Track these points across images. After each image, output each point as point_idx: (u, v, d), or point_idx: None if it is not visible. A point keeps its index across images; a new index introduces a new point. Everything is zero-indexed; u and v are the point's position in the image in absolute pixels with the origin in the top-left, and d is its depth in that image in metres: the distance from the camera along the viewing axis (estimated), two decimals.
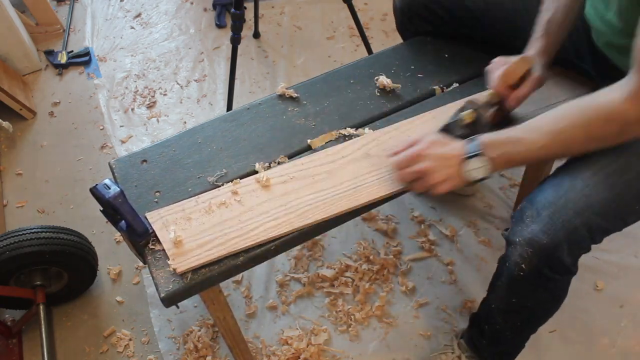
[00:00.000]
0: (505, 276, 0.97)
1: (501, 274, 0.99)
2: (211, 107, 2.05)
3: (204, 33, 2.38)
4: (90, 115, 2.08)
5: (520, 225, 0.90)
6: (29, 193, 1.83)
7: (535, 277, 0.91)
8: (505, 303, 1.02)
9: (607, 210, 0.88)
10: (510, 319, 1.05)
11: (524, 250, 0.89)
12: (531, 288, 0.95)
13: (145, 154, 1.09)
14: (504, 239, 0.96)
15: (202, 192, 1.00)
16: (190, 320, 1.45)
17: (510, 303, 1.01)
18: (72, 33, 2.46)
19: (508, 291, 0.99)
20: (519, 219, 0.92)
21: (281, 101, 1.18)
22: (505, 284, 0.98)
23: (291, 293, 1.48)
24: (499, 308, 1.04)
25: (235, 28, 1.67)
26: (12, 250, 1.29)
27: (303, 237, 0.95)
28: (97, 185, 0.90)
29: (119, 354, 1.41)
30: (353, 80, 1.20)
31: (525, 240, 0.88)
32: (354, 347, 1.37)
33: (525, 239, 0.88)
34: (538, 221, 0.88)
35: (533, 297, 0.98)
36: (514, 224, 0.93)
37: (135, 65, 2.26)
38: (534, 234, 0.87)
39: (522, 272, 0.91)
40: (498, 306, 1.04)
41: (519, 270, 0.91)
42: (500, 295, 1.02)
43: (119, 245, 1.64)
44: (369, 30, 2.27)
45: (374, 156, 1.03)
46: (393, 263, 1.50)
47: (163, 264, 0.90)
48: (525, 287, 0.95)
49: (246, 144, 1.09)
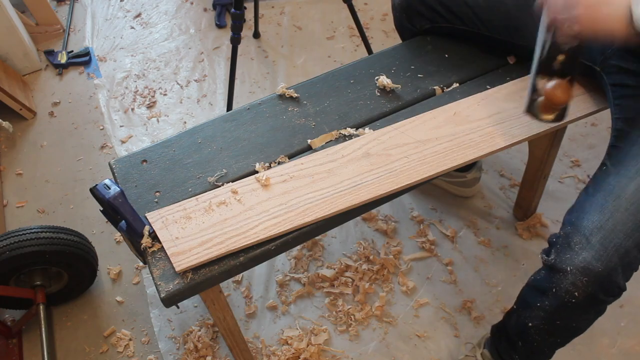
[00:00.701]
0: (551, 301, 0.93)
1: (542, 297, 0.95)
2: (211, 107, 2.05)
3: (204, 33, 2.38)
4: (90, 115, 2.08)
5: (569, 253, 0.87)
6: (29, 193, 1.83)
7: (588, 302, 0.89)
8: (548, 324, 0.98)
9: None
10: (549, 337, 1.02)
11: (578, 279, 0.86)
12: (581, 311, 0.93)
13: (145, 154, 1.09)
14: (546, 264, 0.93)
15: (202, 192, 1.00)
16: (190, 320, 1.45)
17: (554, 324, 0.98)
18: (72, 33, 2.46)
19: (554, 315, 0.96)
20: (566, 246, 0.88)
21: (281, 101, 1.18)
22: (552, 309, 0.95)
23: (291, 293, 1.48)
24: (539, 327, 1.00)
25: (235, 28, 1.67)
26: (12, 250, 1.29)
27: (303, 236, 0.95)
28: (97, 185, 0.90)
29: (119, 354, 1.41)
30: (353, 80, 1.21)
31: (579, 269, 0.85)
32: (354, 347, 1.37)
33: (579, 268, 0.85)
34: (589, 248, 0.85)
35: (580, 318, 0.96)
36: (561, 250, 0.89)
37: (135, 65, 2.26)
38: (587, 262, 0.84)
39: (574, 299, 0.88)
40: (537, 326, 1.00)
41: (571, 297, 0.88)
42: (542, 316, 0.98)
43: (119, 245, 1.64)
44: (369, 30, 2.27)
45: (374, 156, 1.03)
46: (393, 263, 1.50)
47: (163, 264, 0.90)
48: (576, 311, 0.92)
49: (246, 144, 1.09)
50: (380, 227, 1.59)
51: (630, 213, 0.85)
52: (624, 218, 0.85)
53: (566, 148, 1.74)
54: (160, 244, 0.92)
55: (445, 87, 1.18)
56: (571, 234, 0.88)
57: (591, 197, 0.91)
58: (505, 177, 1.69)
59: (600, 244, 0.85)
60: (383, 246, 1.55)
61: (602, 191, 0.90)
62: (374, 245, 1.56)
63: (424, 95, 1.17)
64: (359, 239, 1.58)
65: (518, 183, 1.62)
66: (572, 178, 1.66)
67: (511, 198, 1.62)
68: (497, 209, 1.61)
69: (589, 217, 0.88)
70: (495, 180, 1.68)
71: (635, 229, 0.85)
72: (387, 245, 1.55)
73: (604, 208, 0.87)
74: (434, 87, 1.18)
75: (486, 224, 1.58)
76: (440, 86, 1.18)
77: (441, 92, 1.17)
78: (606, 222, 0.86)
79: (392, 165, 1.01)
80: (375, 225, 1.60)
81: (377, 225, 1.60)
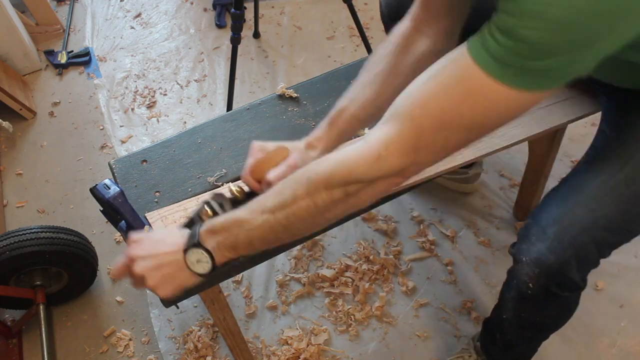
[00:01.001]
0: (514, 292, 0.95)
1: (509, 288, 0.98)
2: (211, 107, 2.05)
3: (204, 33, 2.38)
4: (90, 115, 2.08)
5: (526, 244, 0.88)
6: (29, 193, 1.83)
7: (543, 295, 0.89)
8: (515, 317, 1.00)
9: (614, 224, 0.85)
10: (520, 331, 1.04)
11: (531, 270, 0.86)
12: (539, 305, 0.94)
13: (145, 154, 1.09)
14: (511, 256, 0.94)
15: (202, 192, 1.00)
16: (190, 320, 1.45)
17: (520, 317, 1.00)
18: (72, 33, 2.46)
19: (517, 306, 0.98)
20: (525, 237, 0.89)
21: (281, 101, 1.18)
22: (514, 299, 0.97)
23: (291, 293, 1.48)
24: (510, 320, 1.02)
25: (235, 28, 1.67)
26: (12, 250, 1.29)
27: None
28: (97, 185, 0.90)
29: (119, 354, 1.41)
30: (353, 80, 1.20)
31: (532, 260, 0.86)
32: (354, 347, 1.37)
33: (532, 259, 0.86)
34: (544, 239, 0.85)
35: (541, 314, 0.97)
36: (520, 241, 0.90)
37: (135, 65, 2.26)
38: (540, 254, 0.85)
39: (529, 290, 0.89)
40: (509, 318, 1.02)
41: (527, 288, 0.89)
42: (510, 307, 1.00)
43: (119, 245, 1.64)
44: (369, 30, 2.27)
45: None
46: (393, 263, 1.50)
47: None
48: (533, 304, 0.94)
49: (246, 144, 1.09)
50: (380, 227, 1.59)
51: (589, 209, 0.84)
52: (582, 213, 0.84)
53: (566, 148, 1.74)
54: None
55: None
56: (530, 226, 0.89)
57: (555, 192, 0.92)
58: (505, 177, 1.69)
59: (555, 236, 0.84)
60: (383, 246, 1.55)
61: (566, 186, 0.91)
62: (374, 245, 1.56)
63: None
64: (359, 239, 1.58)
65: (518, 183, 1.62)
66: None
67: (511, 198, 1.62)
68: (497, 209, 1.61)
69: (548, 209, 0.88)
70: (495, 180, 1.68)
71: (593, 225, 0.84)
72: (387, 245, 1.55)
73: (564, 202, 0.87)
74: None
75: (486, 224, 1.58)
76: None
77: None
78: (563, 215, 0.85)
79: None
80: (375, 225, 1.60)
81: (377, 225, 1.60)
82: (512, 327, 1.04)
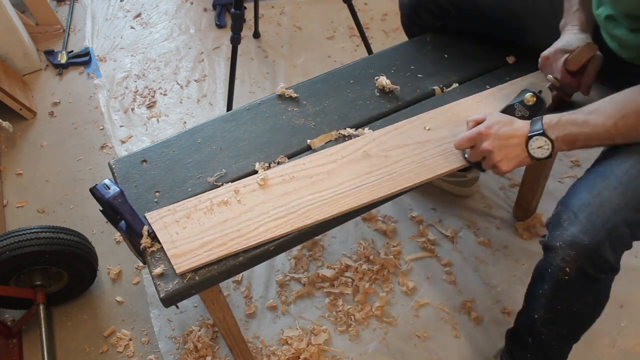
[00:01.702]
0: (548, 283, 0.95)
1: (542, 282, 0.97)
2: (211, 107, 2.05)
3: (204, 33, 2.38)
4: (90, 115, 2.08)
5: (558, 230, 0.90)
6: (29, 193, 1.83)
7: (580, 278, 0.90)
8: (551, 311, 1.00)
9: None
10: (555, 327, 1.03)
11: (567, 254, 0.88)
12: (577, 291, 0.94)
13: (145, 154, 1.09)
14: (542, 246, 0.95)
15: (202, 192, 1.00)
16: (190, 320, 1.45)
17: (555, 310, 0.99)
18: (72, 33, 2.46)
19: (553, 298, 0.97)
20: (556, 224, 0.91)
21: (281, 101, 1.18)
22: (550, 291, 0.96)
23: (291, 293, 1.48)
24: (544, 317, 1.02)
25: (235, 28, 1.67)
26: (12, 250, 1.29)
27: (303, 237, 0.95)
28: (97, 185, 0.90)
29: (119, 354, 1.41)
30: (353, 80, 1.21)
31: (567, 243, 0.87)
32: (354, 347, 1.37)
33: (567, 242, 0.87)
34: (576, 223, 0.87)
35: (578, 301, 0.96)
36: (552, 229, 0.92)
37: (135, 65, 2.26)
38: (574, 236, 0.87)
39: (566, 275, 0.89)
40: (542, 315, 1.02)
41: (563, 274, 0.90)
42: (544, 303, 0.99)
43: (119, 245, 1.64)
44: (369, 30, 2.27)
45: (373, 156, 1.03)
46: (393, 263, 1.50)
47: (162, 264, 0.90)
48: (571, 290, 0.94)
49: (246, 144, 1.09)
50: (380, 228, 1.59)
51: (618, 192, 0.87)
52: (611, 195, 0.87)
53: None
54: (160, 244, 0.92)
55: (444, 87, 1.18)
56: (561, 212, 0.91)
57: (582, 180, 0.95)
58: (505, 177, 1.69)
59: (587, 219, 0.86)
60: (383, 246, 1.55)
61: (592, 174, 0.94)
62: (374, 245, 1.56)
63: (424, 96, 1.17)
64: (359, 239, 1.58)
65: (518, 183, 1.62)
66: (572, 178, 1.66)
67: (511, 198, 1.62)
68: (497, 209, 1.61)
69: (578, 195, 0.91)
70: (495, 180, 1.68)
71: (623, 206, 0.86)
72: (387, 245, 1.55)
73: (593, 187, 0.90)
74: (433, 87, 1.18)
75: (486, 224, 1.58)
76: (439, 86, 1.18)
77: (441, 92, 1.17)
78: (594, 199, 0.88)
79: (391, 167, 1.00)
80: (375, 226, 1.60)
81: (377, 225, 1.60)
82: (546, 325, 1.03)
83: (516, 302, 1.41)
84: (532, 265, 1.48)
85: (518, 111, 1.01)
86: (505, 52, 1.23)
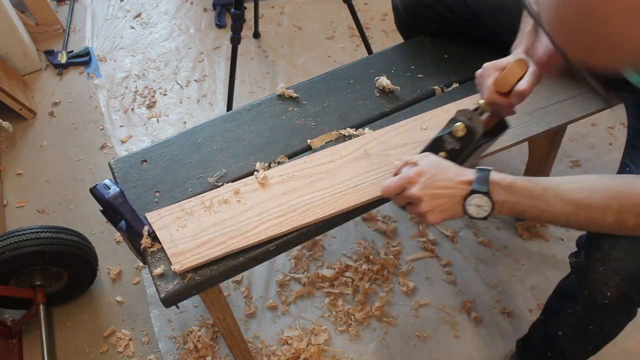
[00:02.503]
0: (581, 305, 0.92)
1: (572, 302, 0.94)
2: (211, 107, 2.05)
3: (204, 33, 2.38)
4: (90, 115, 2.08)
5: (599, 253, 0.86)
6: (29, 193, 1.83)
7: (621, 302, 0.87)
8: (580, 330, 0.97)
9: None
10: (582, 344, 1.01)
11: (611, 279, 0.84)
12: (614, 314, 0.92)
13: (145, 154, 1.09)
14: (574, 267, 0.92)
15: (202, 192, 1.00)
16: (190, 320, 1.45)
17: (586, 330, 0.96)
18: (72, 33, 2.46)
19: (585, 320, 0.95)
20: (596, 247, 0.87)
21: (281, 101, 1.18)
22: (582, 312, 0.94)
23: (291, 293, 1.48)
24: (570, 335, 0.99)
25: (235, 28, 1.67)
26: (12, 250, 1.29)
27: (303, 237, 0.96)
28: (97, 185, 0.90)
29: (119, 354, 1.41)
30: (353, 80, 1.21)
31: (611, 269, 0.84)
32: (354, 347, 1.37)
33: (611, 268, 0.84)
34: (618, 247, 0.84)
35: (613, 322, 0.95)
36: (590, 251, 0.88)
37: (135, 65, 2.26)
38: (619, 261, 0.83)
39: (607, 299, 0.86)
40: (568, 334, 0.99)
41: (604, 298, 0.86)
42: (573, 322, 0.97)
43: (119, 245, 1.64)
44: (369, 30, 2.27)
45: (373, 156, 1.03)
46: (393, 263, 1.50)
47: (163, 264, 0.90)
48: (608, 313, 0.91)
49: (246, 144, 1.09)
50: (380, 228, 1.59)
51: None
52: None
53: (566, 148, 1.74)
54: (160, 244, 0.92)
55: (445, 87, 1.18)
56: (599, 235, 0.87)
57: None
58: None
59: (630, 243, 0.83)
60: (383, 246, 1.55)
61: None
62: (374, 245, 1.56)
63: (424, 96, 1.17)
64: (359, 239, 1.58)
65: None
66: None
67: None
68: None
69: None
70: None
71: None
72: (387, 245, 1.55)
73: None
74: (433, 87, 1.18)
75: (486, 224, 1.58)
76: (440, 86, 1.18)
77: (441, 92, 1.17)
78: None
79: (392, 166, 1.00)
80: (375, 226, 1.60)
81: (377, 225, 1.60)
82: (571, 343, 1.00)
83: (516, 302, 1.41)
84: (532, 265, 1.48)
85: (448, 143, 0.90)
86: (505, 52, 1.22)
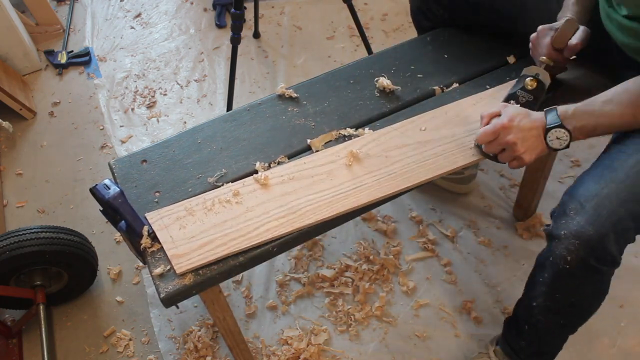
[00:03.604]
0: (549, 272, 0.96)
1: (542, 270, 0.98)
2: (211, 107, 2.05)
3: (204, 33, 2.38)
4: (90, 115, 2.08)
5: (564, 219, 0.90)
6: (29, 193, 1.83)
7: (581, 269, 0.90)
8: (549, 299, 1.01)
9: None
10: (553, 316, 1.04)
11: (571, 243, 0.88)
12: (577, 281, 0.94)
13: (145, 154, 1.09)
14: (546, 235, 0.96)
15: (202, 192, 1.00)
16: (190, 320, 1.45)
17: (554, 299, 1.00)
18: (72, 33, 2.46)
19: (552, 287, 0.98)
20: (562, 213, 0.92)
21: (281, 101, 1.18)
22: (550, 280, 0.97)
23: (291, 293, 1.48)
24: (542, 306, 1.03)
25: (235, 28, 1.67)
26: (12, 250, 1.29)
27: (303, 237, 0.96)
28: (97, 186, 0.90)
29: (119, 354, 1.41)
30: (353, 80, 1.21)
31: (572, 233, 0.88)
32: (354, 347, 1.37)
33: (572, 232, 0.88)
34: (582, 213, 0.88)
35: (578, 292, 0.97)
36: (557, 218, 0.93)
37: (135, 65, 2.26)
38: (580, 226, 0.87)
39: (568, 265, 0.90)
40: (540, 304, 1.03)
41: (565, 263, 0.90)
42: (543, 291, 1.00)
43: (119, 245, 1.64)
44: (369, 30, 2.27)
45: (373, 157, 1.03)
46: (393, 263, 1.50)
47: (162, 264, 0.90)
48: (571, 280, 0.94)
49: (246, 144, 1.09)
50: (380, 228, 1.59)
51: (625, 185, 0.88)
52: (619, 188, 0.88)
53: None
54: (160, 244, 0.92)
55: (445, 87, 1.18)
56: (567, 202, 0.92)
57: (590, 171, 0.96)
58: (505, 177, 1.69)
59: (594, 210, 0.87)
60: (383, 246, 1.55)
61: (600, 166, 0.95)
62: (374, 245, 1.56)
63: (424, 96, 1.17)
64: (359, 239, 1.58)
65: (518, 183, 1.62)
66: (572, 178, 1.66)
67: (511, 198, 1.62)
68: (497, 209, 1.61)
69: (585, 186, 0.92)
70: (495, 180, 1.68)
71: (630, 199, 0.87)
72: (387, 245, 1.55)
73: (600, 178, 0.91)
74: (433, 87, 1.18)
75: (486, 224, 1.58)
76: (440, 86, 1.18)
77: (441, 92, 1.17)
78: (601, 190, 0.89)
79: (391, 167, 1.00)
80: (375, 226, 1.60)
81: (377, 225, 1.60)
82: (544, 314, 1.04)
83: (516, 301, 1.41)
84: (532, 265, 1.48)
85: (522, 97, 1.03)
86: (505, 52, 1.23)
